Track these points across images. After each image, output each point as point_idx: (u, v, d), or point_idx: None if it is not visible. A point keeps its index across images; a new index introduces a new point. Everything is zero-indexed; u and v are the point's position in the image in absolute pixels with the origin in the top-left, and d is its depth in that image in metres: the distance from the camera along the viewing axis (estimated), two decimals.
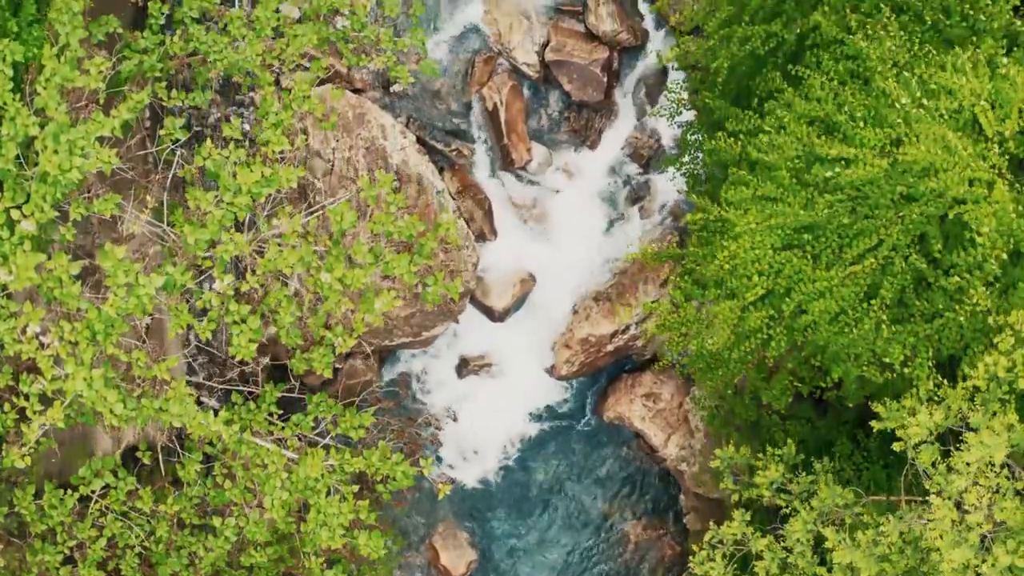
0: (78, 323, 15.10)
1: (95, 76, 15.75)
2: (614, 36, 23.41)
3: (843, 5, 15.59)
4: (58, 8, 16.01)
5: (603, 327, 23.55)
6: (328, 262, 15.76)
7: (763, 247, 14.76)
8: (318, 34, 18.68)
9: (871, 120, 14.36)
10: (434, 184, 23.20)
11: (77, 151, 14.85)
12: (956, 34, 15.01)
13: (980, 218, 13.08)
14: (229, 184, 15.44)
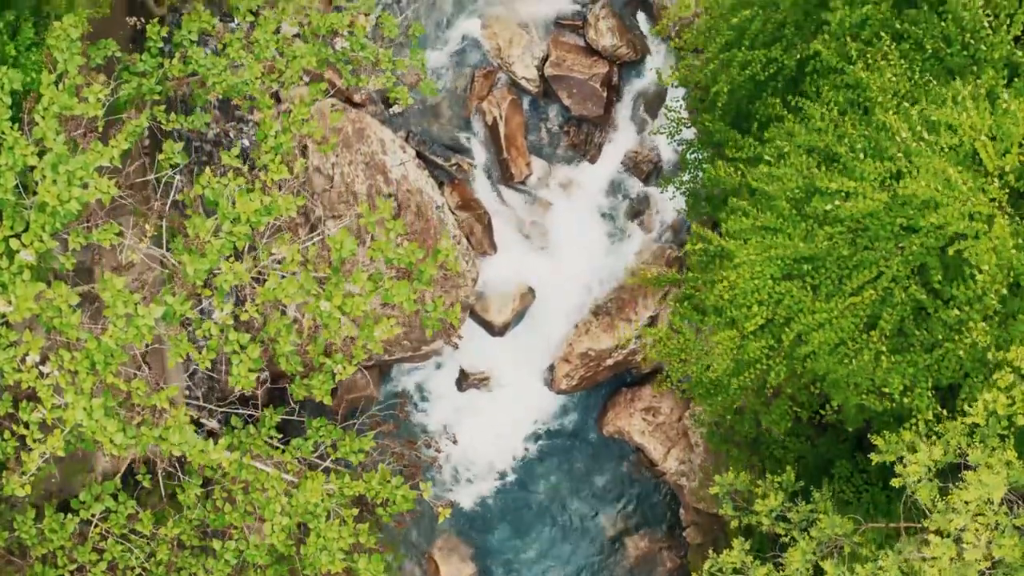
0: (78, 352, 15.10)
1: (94, 104, 15.74)
2: (614, 51, 23.36)
3: (843, 33, 15.55)
4: (56, 35, 15.98)
5: (603, 341, 23.55)
6: (327, 290, 15.74)
7: (763, 277, 14.75)
8: (317, 55, 18.65)
9: (871, 151, 14.33)
10: (434, 199, 23.19)
11: (76, 181, 14.83)
12: (957, 63, 14.98)
13: (980, 255, 13.06)
14: (228, 212, 15.42)
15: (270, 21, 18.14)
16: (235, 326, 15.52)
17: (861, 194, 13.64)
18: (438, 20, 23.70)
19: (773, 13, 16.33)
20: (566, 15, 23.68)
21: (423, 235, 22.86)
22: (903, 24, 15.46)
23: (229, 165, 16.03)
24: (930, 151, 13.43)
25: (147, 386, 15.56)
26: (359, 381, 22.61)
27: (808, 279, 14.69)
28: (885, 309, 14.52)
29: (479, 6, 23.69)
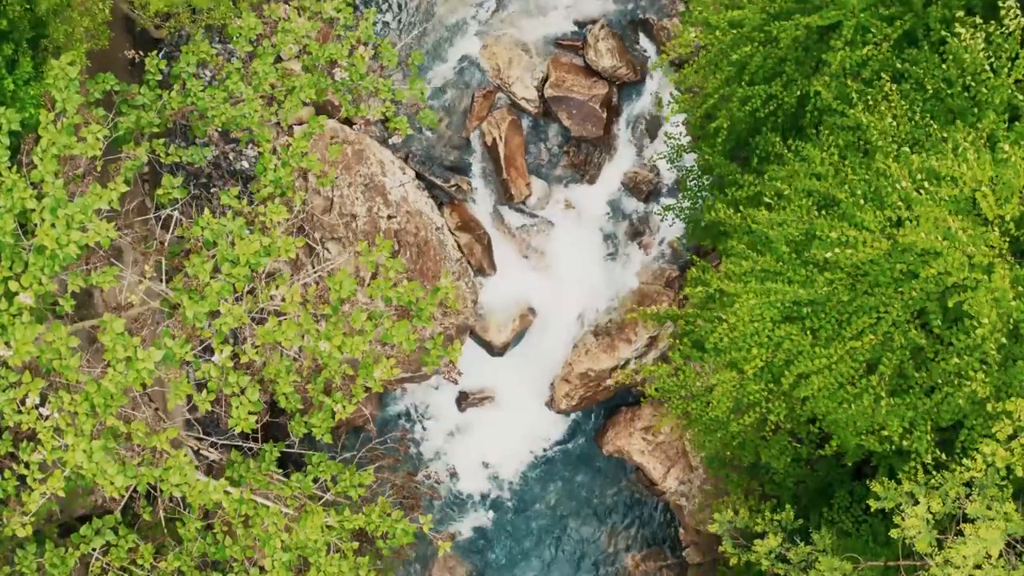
0: (77, 395, 15.10)
1: (92, 144, 15.71)
2: (614, 71, 23.30)
3: (843, 73, 15.51)
4: (54, 74, 15.94)
5: (603, 362, 23.56)
6: (327, 330, 15.73)
7: (762, 320, 14.75)
8: (316, 85, 18.60)
9: (871, 196, 14.31)
10: (433, 220, 23.17)
11: (75, 225, 14.80)
12: (958, 105, 14.95)
13: (980, 307, 13.06)
14: (228, 254, 15.39)
15: (268, 52, 18.08)
16: (234, 367, 15.51)
17: (861, 242, 13.63)
18: (438, 41, 23.65)
19: (773, 49, 16.28)
20: (566, 36, 23.62)
21: (423, 257, 22.85)
22: (903, 64, 15.43)
23: (228, 205, 15.98)
24: (931, 200, 13.41)
25: (147, 427, 15.57)
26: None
27: (808, 323, 14.69)
28: (885, 353, 14.52)
29: (479, 27, 23.63)
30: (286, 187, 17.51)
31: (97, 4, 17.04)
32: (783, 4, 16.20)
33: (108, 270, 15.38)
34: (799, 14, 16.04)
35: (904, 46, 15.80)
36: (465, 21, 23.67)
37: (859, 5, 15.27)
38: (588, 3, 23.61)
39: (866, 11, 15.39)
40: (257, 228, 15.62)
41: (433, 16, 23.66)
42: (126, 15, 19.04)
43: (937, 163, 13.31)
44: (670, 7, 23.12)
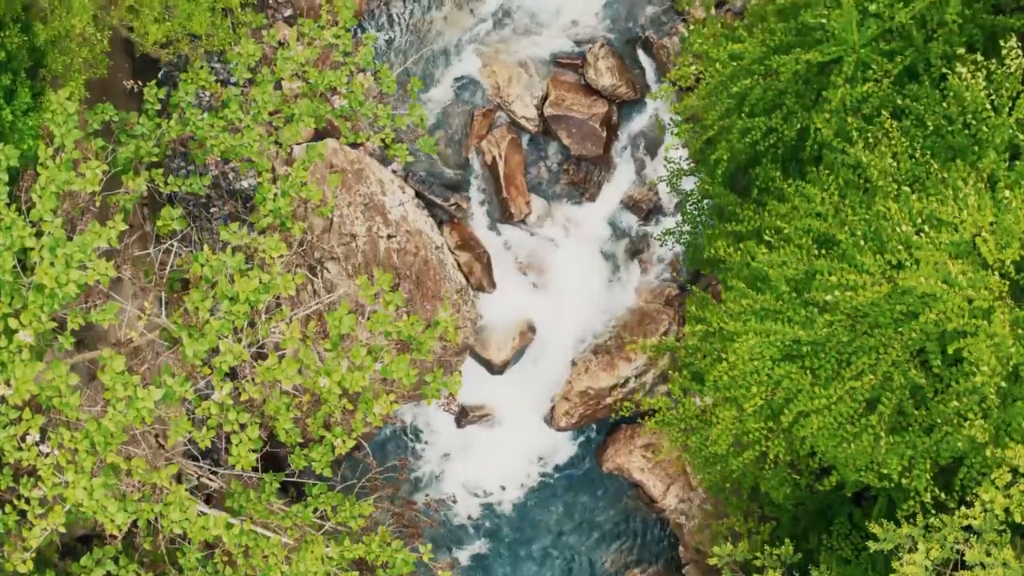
0: (78, 432, 15.12)
1: (91, 179, 15.70)
2: (613, 90, 23.25)
3: (843, 108, 15.48)
4: (53, 109, 15.92)
5: (602, 380, 23.57)
6: (326, 365, 15.74)
7: (762, 359, 14.76)
8: (315, 113, 18.58)
9: (871, 236, 14.30)
10: (433, 239, 23.15)
11: (74, 264, 14.80)
12: (959, 142, 14.92)
13: (980, 354, 13.06)
14: (227, 291, 15.39)
15: (267, 81, 18.05)
16: (234, 403, 15.52)
17: (861, 285, 13.62)
18: (437, 59, 23.60)
19: (773, 82, 16.24)
20: (565, 54, 23.55)
21: (423, 276, 22.85)
22: (904, 100, 15.40)
23: (227, 240, 15.97)
24: (931, 244, 13.40)
25: (147, 464, 15.59)
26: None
27: (807, 362, 14.70)
28: (884, 393, 14.53)
29: (478, 45, 23.57)
30: (285, 217, 17.50)
31: (96, 35, 16.97)
32: (783, 37, 16.16)
33: (108, 307, 15.38)
34: (799, 48, 16.00)
35: (905, 81, 15.76)
36: (464, 39, 23.61)
37: (859, 41, 15.23)
38: (588, 21, 23.55)
39: (866, 47, 15.35)
40: (256, 264, 15.58)
41: (432, 35, 23.61)
42: (126, 38, 18.96)
43: (937, 208, 13.29)
44: (670, 26, 23.06)
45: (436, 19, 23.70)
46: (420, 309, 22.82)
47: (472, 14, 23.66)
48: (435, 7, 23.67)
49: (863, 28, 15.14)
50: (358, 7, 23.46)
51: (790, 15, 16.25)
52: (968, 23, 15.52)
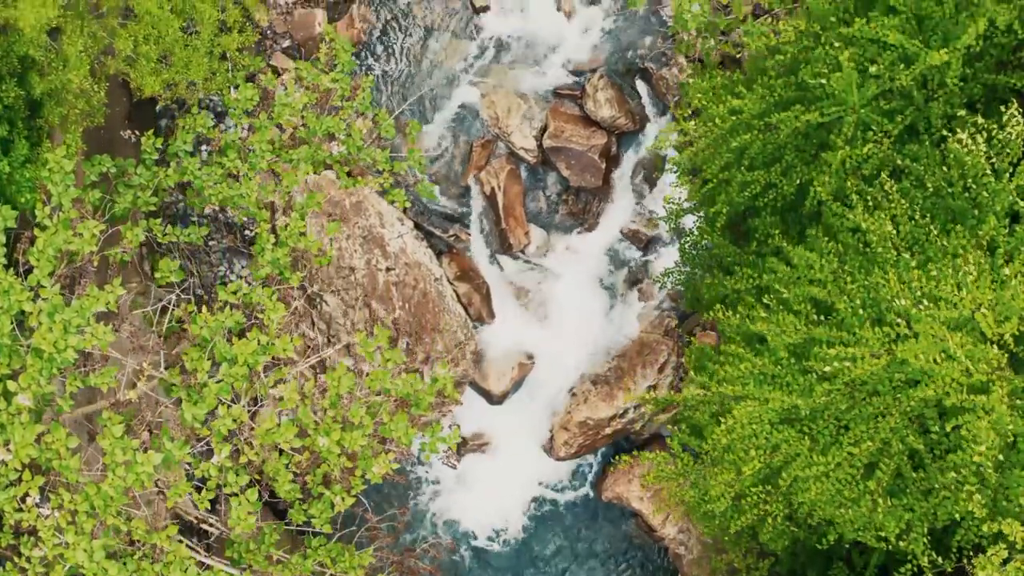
0: (77, 495, 15.14)
1: (88, 240, 15.68)
2: (612, 121, 23.17)
3: (842, 169, 15.42)
4: (49, 168, 15.88)
5: (601, 411, 23.59)
6: (325, 424, 15.75)
7: (761, 423, 14.76)
8: (314, 158, 18.54)
9: (870, 303, 14.27)
10: (432, 271, 23.13)
11: (72, 329, 14.79)
12: (958, 205, 14.87)
13: (978, 431, 13.07)
14: (225, 352, 15.39)
15: (266, 128, 18.00)
16: (234, 462, 15.54)
17: (859, 358, 13.62)
18: (436, 90, 23.51)
19: (773, 136, 16.16)
20: (564, 85, 23.47)
21: (422, 309, 22.83)
22: (904, 160, 15.34)
23: (226, 300, 15.94)
24: (930, 318, 13.38)
25: (147, 525, 15.62)
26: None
27: (805, 429, 14.71)
28: (882, 459, 14.54)
29: (477, 76, 23.49)
30: (284, 267, 17.48)
31: (92, 87, 16.90)
32: (783, 93, 16.08)
33: (106, 371, 15.38)
34: (799, 104, 15.92)
35: (905, 139, 15.70)
36: (463, 69, 23.52)
37: (860, 101, 15.16)
38: (586, 52, 23.46)
39: (867, 106, 15.28)
40: (255, 329, 15.55)
41: (431, 65, 23.52)
42: (124, 80, 18.87)
43: (937, 287, 13.27)
44: (669, 57, 22.95)
45: (434, 49, 23.61)
46: (419, 342, 22.83)
47: (471, 44, 23.58)
48: (433, 37, 23.58)
49: (863, 88, 15.06)
50: (355, 38, 23.38)
51: (790, 70, 16.17)
52: (969, 81, 15.45)
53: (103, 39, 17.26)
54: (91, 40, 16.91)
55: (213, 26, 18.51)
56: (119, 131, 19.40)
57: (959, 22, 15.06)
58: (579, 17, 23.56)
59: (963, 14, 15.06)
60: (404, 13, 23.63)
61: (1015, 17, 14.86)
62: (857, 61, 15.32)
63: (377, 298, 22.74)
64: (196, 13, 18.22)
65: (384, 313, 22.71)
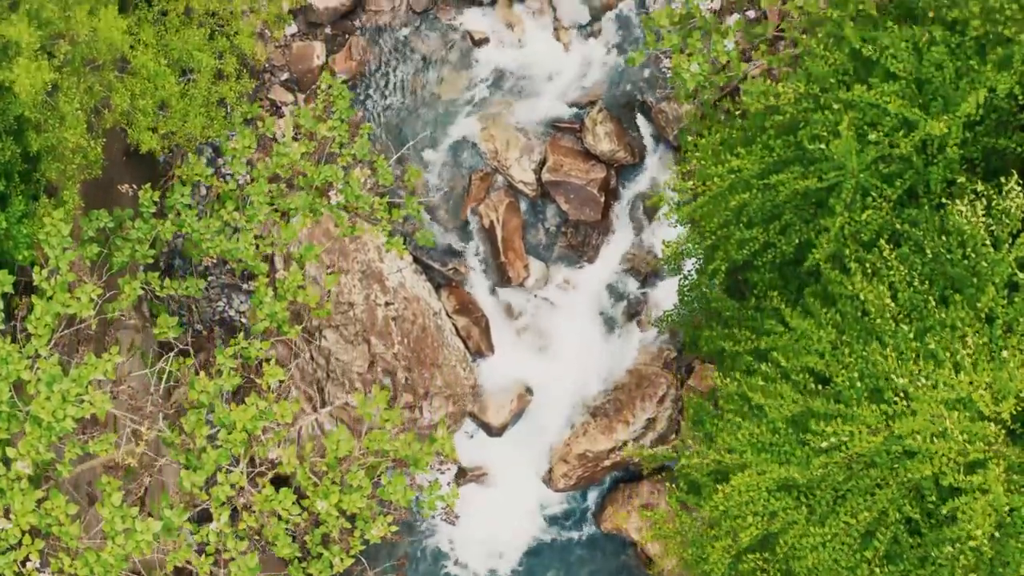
0: (77, 559, 15.19)
1: (85, 304, 15.67)
2: (612, 155, 23.10)
3: (841, 233, 15.37)
4: (47, 231, 15.86)
5: (600, 443, 23.61)
6: (323, 487, 15.79)
7: (758, 490, 14.79)
8: (312, 206, 18.51)
9: (868, 374, 14.27)
10: (431, 305, 23.12)
11: (70, 398, 14.81)
12: (957, 273, 14.83)
13: (974, 515, 13.09)
14: (224, 418, 15.41)
15: (263, 181, 17.95)
16: (233, 529, 15.58)
17: (857, 435, 13.63)
18: (435, 123, 23.43)
19: (772, 195, 16.11)
20: (563, 118, 23.38)
21: (421, 344, 22.84)
22: (903, 224, 15.29)
23: (224, 364, 15.93)
24: (927, 397, 13.38)
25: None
26: None
27: (803, 499, 14.74)
28: (880, 528, 14.57)
29: (476, 109, 23.40)
30: (282, 321, 17.47)
31: (89, 142, 16.85)
32: (782, 153, 16.02)
33: (105, 437, 15.42)
34: (798, 162, 15.87)
35: (905, 202, 15.65)
36: (462, 103, 23.44)
37: (859, 167, 15.10)
38: (585, 85, 23.37)
39: (866, 171, 15.22)
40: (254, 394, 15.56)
41: (430, 98, 23.43)
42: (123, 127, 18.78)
43: (934, 370, 13.27)
44: (668, 90, 22.86)
45: (433, 81, 23.51)
46: (419, 378, 22.84)
47: (469, 76, 23.49)
48: (432, 69, 23.48)
49: (862, 154, 15.00)
50: (354, 70, 23.29)
51: (789, 129, 16.10)
52: (969, 144, 15.38)
53: (100, 92, 17.18)
54: (87, 96, 16.83)
55: (210, 74, 18.43)
56: (117, 179, 19.31)
57: (959, 87, 15.00)
58: (578, 49, 23.47)
59: (964, 80, 15.00)
60: (403, 45, 23.53)
61: (1015, 82, 14.79)
62: (857, 125, 15.27)
63: (376, 333, 22.75)
64: (193, 62, 18.14)
65: (383, 348, 22.71)
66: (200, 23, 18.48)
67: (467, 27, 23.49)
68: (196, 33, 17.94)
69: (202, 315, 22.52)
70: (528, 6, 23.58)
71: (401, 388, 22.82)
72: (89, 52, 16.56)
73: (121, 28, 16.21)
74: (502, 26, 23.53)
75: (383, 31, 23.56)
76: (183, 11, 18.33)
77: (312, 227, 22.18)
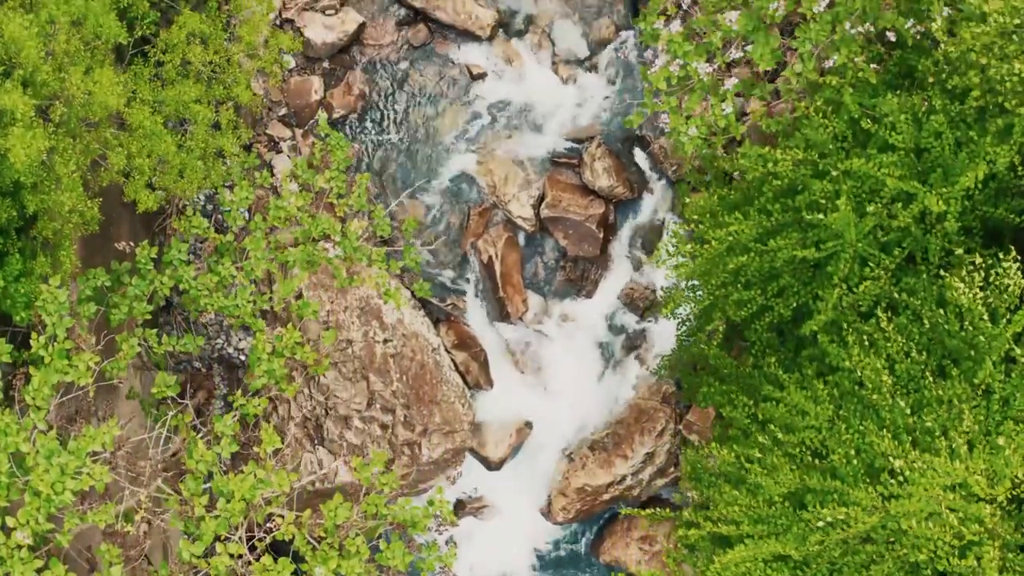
0: None
1: (83, 373, 15.67)
2: (610, 191, 23.05)
3: (839, 304, 15.36)
4: (43, 298, 15.85)
5: (599, 477, 23.67)
6: (322, 552, 15.84)
7: (755, 561, 14.84)
8: (310, 258, 18.49)
9: (864, 449, 14.30)
10: (430, 341, 23.11)
11: (69, 471, 14.84)
12: (954, 345, 14.83)
13: None
14: (222, 487, 15.44)
15: (259, 237, 17.91)
16: None
17: (853, 519, 13.67)
18: (433, 157, 23.37)
19: (769, 258, 16.09)
20: (562, 153, 23.31)
21: (419, 381, 22.86)
22: (901, 294, 15.28)
23: (222, 432, 15.95)
24: (923, 480, 13.41)
25: None
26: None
27: (798, 572, 14.79)
28: None
29: (474, 143, 23.33)
30: (280, 378, 17.48)
31: (86, 203, 16.81)
32: (780, 217, 15.99)
33: (104, 508, 15.44)
34: (795, 228, 15.85)
35: (903, 266, 15.63)
36: (460, 137, 23.36)
37: (857, 236, 15.07)
38: (584, 119, 23.29)
39: (864, 240, 15.20)
40: (252, 463, 15.59)
41: (428, 133, 23.35)
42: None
43: (931, 458, 13.30)
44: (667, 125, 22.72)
45: (431, 115, 23.43)
46: (417, 415, 22.87)
47: (468, 111, 23.40)
48: (431, 104, 23.39)
49: (860, 224, 14.97)
50: (352, 105, 23.21)
51: (787, 194, 16.06)
52: (968, 213, 15.36)
53: (96, 150, 17.13)
54: (83, 156, 16.78)
55: (207, 126, 18.36)
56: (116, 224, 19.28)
57: (958, 158, 14.95)
58: (577, 84, 23.37)
59: (963, 151, 14.95)
60: (401, 80, 23.43)
61: (1015, 154, 14.75)
62: (855, 194, 15.23)
63: (375, 370, 22.76)
64: (191, 114, 18.06)
65: (382, 386, 22.73)
66: (197, 74, 18.40)
67: (465, 61, 23.40)
68: (192, 88, 17.86)
69: (200, 352, 22.52)
70: (526, 40, 23.48)
71: (400, 425, 22.85)
72: (85, 113, 16.48)
73: (117, 92, 16.13)
74: (500, 60, 23.44)
75: (381, 65, 23.47)
76: (179, 63, 18.24)
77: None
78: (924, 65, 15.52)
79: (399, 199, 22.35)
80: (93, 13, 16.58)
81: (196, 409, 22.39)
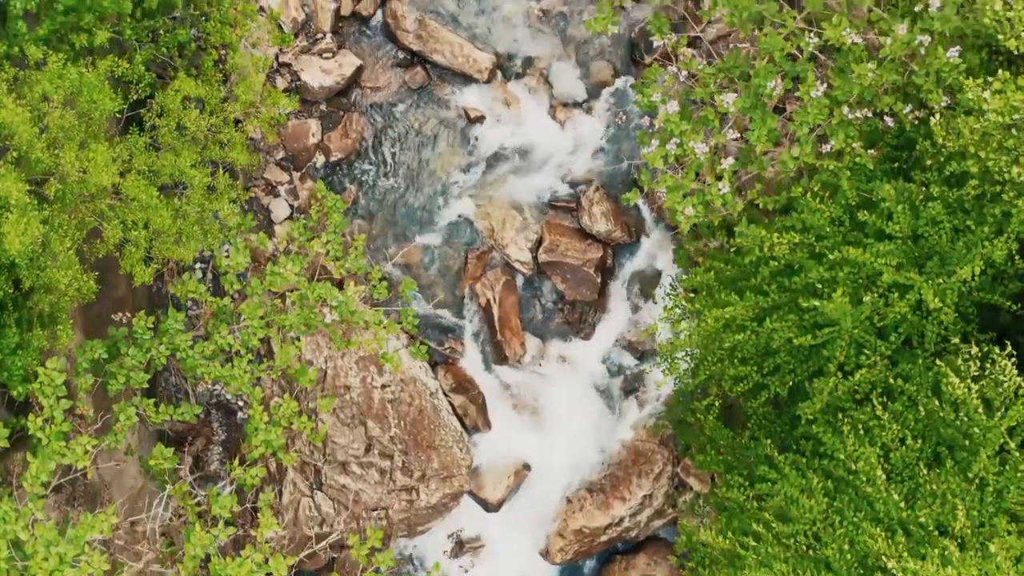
0: None
1: (81, 456, 15.72)
2: (608, 235, 23.01)
3: (835, 390, 15.38)
4: (40, 380, 15.87)
5: (597, 519, 23.77)
6: None
7: None
8: (306, 321, 18.49)
9: (858, 544, 14.36)
10: (428, 386, 23.14)
11: (67, 560, 14.92)
12: (949, 434, 14.86)
13: None
14: (220, 571, 15.51)
15: (256, 305, 17.90)
16: None
17: None
18: (431, 201, 23.32)
19: (765, 337, 16.10)
20: (560, 197, 23.26)
21: (418, 427, 22.91)
22: (897, 380, 15.29)
23: (219, 515, 16.01)
24: None
25: None
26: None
27: None
28: None
29: (471, 187, 23.27)
30: (277, 448, 17.53)
31: (82, 277, 16.79)
32: (777, 297, 15.98)
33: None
34: (791, 309, 15.84)
35: (900, 351, 15.63)
36: (458, 181, 23.31)
37: (853, 323, 15.06)
38: (582, 163, 23.21)
39: (860, 325, 15.19)
40: (249, 547, 15.66)
41: (426, 177, 23.30)
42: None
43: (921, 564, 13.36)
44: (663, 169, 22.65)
45: (429, 159, 23.36)
46: (415, 460, 22.93)
47: (465, 154, 23.33)
48: (428, 147, 23.32)
49: (856, 312, 14.96)
50: (349, 148, 23.15)
51: (784, 273, 16.03)
52: (964, 299, 15.33)
53: (92, 223, 17.10)
54: (78, 230, 16.75)
55: (202, 190, 18.31)
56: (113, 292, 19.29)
57: (956, 247, 14.92)
58: (574, 127, 23.28)
59: (961, 239, 14.91)
60: (399, 122, 23.34)
61: (1012, 242, 14.71)
62: (851, 281, 15.21)
63: (373, 416, 22.80)
64: (187, 179, 18.01)
65: (380, 432, 22.79)
66: (192, 137, 18.34)
67: (463, 104, 23.30)
68: (188, 153, 17.80)
69: (198, 399, 22.56)
70: (524, 83, 23.37)
71: (399, 471, 22.92)
72: (80, 189, 16.44)
73: (112, 171, 16.09)
74: (498, 103, 23.34)
75: (379, 108, 23.37)
76: (175, 128, 18.18)
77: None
78: (923, 146, 15.45)
79: (395, 259, 22.31)
80: (87, 88, 16.50)
81: (195, 456, 22.47)
